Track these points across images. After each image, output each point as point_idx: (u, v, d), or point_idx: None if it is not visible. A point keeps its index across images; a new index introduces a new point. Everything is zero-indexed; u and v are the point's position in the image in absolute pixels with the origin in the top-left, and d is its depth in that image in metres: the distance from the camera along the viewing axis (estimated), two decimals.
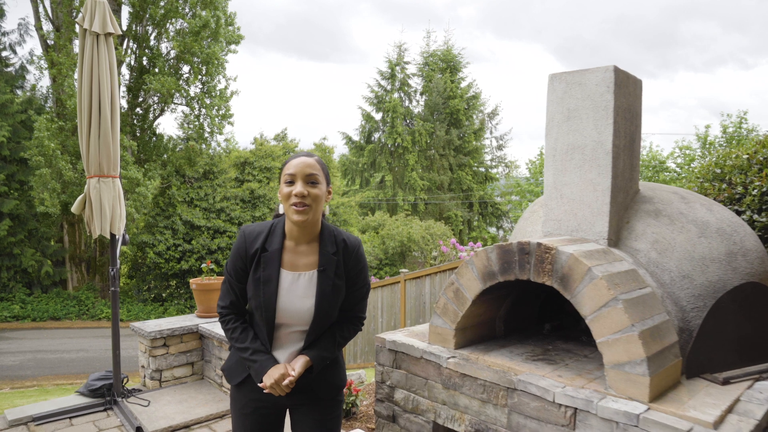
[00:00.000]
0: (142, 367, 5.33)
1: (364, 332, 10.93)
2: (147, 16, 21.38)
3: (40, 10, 20.86)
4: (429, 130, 34.43)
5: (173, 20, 21.92)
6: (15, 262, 20.04)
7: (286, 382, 1.97)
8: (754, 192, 4.24)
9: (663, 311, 2.31)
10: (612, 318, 2.14)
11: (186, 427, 4.30)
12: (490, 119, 38.24)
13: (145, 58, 22.29)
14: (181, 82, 22.21)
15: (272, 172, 25.11)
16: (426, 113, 35.53)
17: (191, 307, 21.72)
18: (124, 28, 21.36)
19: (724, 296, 2.46)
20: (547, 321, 3.23)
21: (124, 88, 21.95)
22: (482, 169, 37.80)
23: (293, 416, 2.22)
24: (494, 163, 39.12)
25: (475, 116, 37.03)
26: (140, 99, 22.65)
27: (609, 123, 2.60)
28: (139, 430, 4.20)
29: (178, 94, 22.30)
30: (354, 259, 2.16)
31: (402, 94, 36.21)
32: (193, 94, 22.72)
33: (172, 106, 23.13)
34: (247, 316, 2.22)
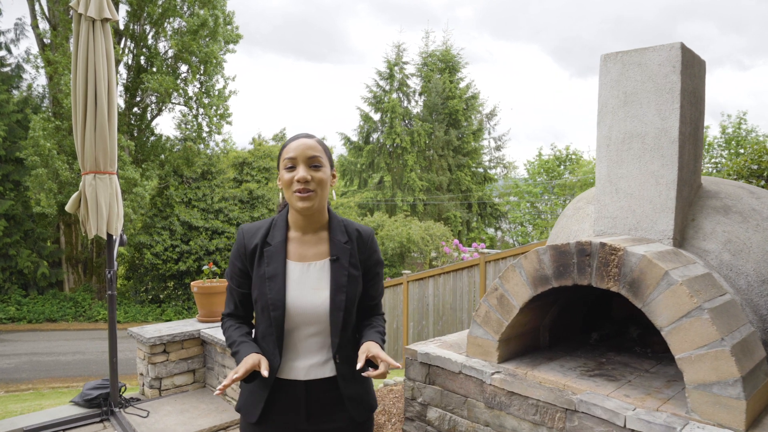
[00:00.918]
0: (141, 374, 5.05)
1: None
2: (145, 14, 21.16)
3: (37, 8, 20.62)
4: (428, 131, 34.23)
5: (171, 19, 21.71)
6: (11, 263, 19.82)
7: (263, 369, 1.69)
8: None
9: (747, 322, 2.01)
10: (696, 330, 1.84)
11: None
12: (489, 120, 38.10)
13: (142, 57, 22.07)
14: (179, 81, 22.00)
15: (271, 173, 24.90)
16: (425, 113, 35.33)
17: (189, 309, 21.48)
18: (121, 26, 21.13)
19: None
20: (591, 329, 2.92)
21: (121, 88, 21.75)
22: (481, 170, 37.63)
23: None
24: (493, 164, 38.98)
25: (473, 117, 36.87)
26: (138, 98, 22.43)
27: (675, 108, 2.29)
28: None
29: (176, 94, 22.08)
30: (369, 249, 1.95)
31: (401, 95, 36.00)
32: (191, 94, 22.50)
33: (170, 105, 22.93)
34: (253, 325, 1.99)
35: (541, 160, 36.97)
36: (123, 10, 21.38)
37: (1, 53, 21.66)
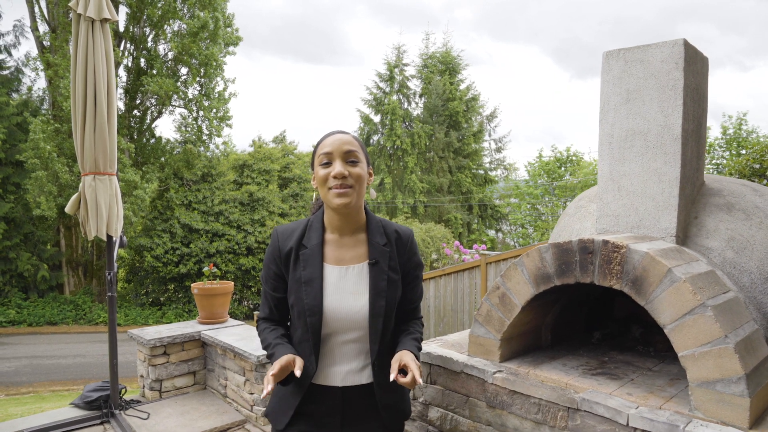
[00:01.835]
0: (141, 376, 5.03)
1: None
2: (144, 17, 21.18)
3: (36, 11, 20.64)
4: (428, 133, 34.23)
5: (171, 21, 21.74)
6: (11, 266, 19.82)
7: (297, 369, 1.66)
8: None
9: (751, 319, 1.99)
10: (699, 327, 1.82)
11: None
12: (489, 121, 38.09)
13: (142, 59, 22.08)
14: (179, 83, 22.02)
15: (271, 175, 24.90)
16: (425, 115, 35.33)
17: (189, 312, 21.45)
18: (121, 29, 21.13)
19: None
20: (594, 328, 2.91)
21: (121, 90, 21.76)
22: (481, 172, 37.61)
23: None
24: (493, 166, 38.98)
25: (474, 118, 36.86)
26: (138, 101, 22.45)
27: (678, 104, 2.27)
28: None
29: (176, 96, 22.10)
30: (409, 251, 1.91)
31: (401, 97, 35.99)
32: (191, 96, 22.52)
33: (170, 108, 22.97)
34: (289, 329, 1.94)
35: (542, 162, 36.98)
36: (123, 12, 21.40)
37: (1, 56, 21.68)
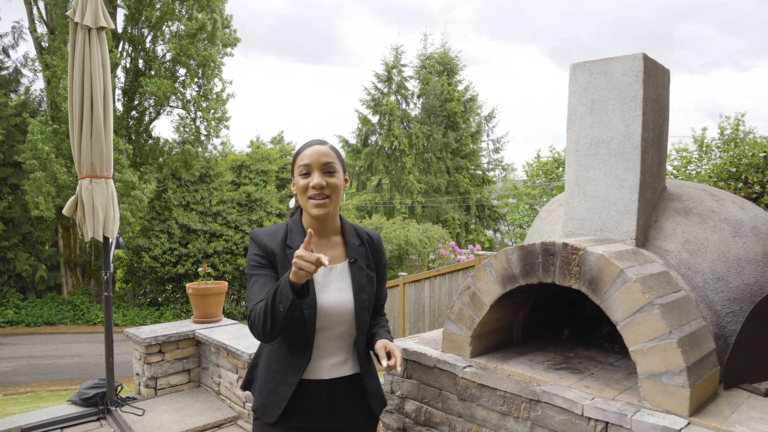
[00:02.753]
0: (137, 374, 5.16)
1: None
2: (143, 18, 21.26)
3: (35, 12, 20.74)
4: (426, 133, 34.35)
5: (169, 22, 21.81)
6: (9, 266, 19.89)
7: (304, 257, 1.58)
8: None
9: (699, 316, 2.14)
10: (647, 324, 1.97)
11: None
12: (487, 122, 38.21)
13: (140, 60, 22.18)
14: (177, 84, 22.09)
15: (269, 175, 24.99)
16: (423, 116, 35.45)
17: (187, 312, 21.55)
18: (119, 30, 21.23)
19: (764, 300, 2.29)
20: (566, 327, 3.05)
21: (119, 91, 21.85)
22: (479, 172, 37.73)
23: None
24: (491, 166, 39.10)
25: (472, 119, 36.98)
26: (136, 102, 22.54)
27: (637, 115, 2.42)
28: None
29: (174, 97, 22.18)
30: (379, 252, 2.09)
31: (399, 97, 36.11)
32: (189, 97, 22.61)
33: (168, 109, 23.03)
34: None
35: (540, 162, 37.11)
36: (121, 13, 21.51)
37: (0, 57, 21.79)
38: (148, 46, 22.23)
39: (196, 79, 22.47)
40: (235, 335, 4.85)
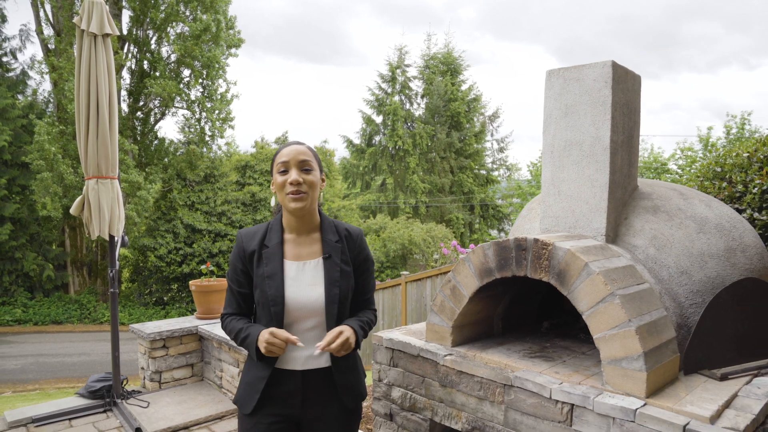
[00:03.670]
0: (142, 368, 5.33)
1: (369, 338, 10.94)
2: (148, 20, 21.48)
3: (41, 14, 20.97)
4: (430, 133, 34.48)
5: (174, 24, 22.04)
6: (17, 266, 20.13)
7: (277, 337, 1.86)
8: (754, 190, 4.22)
9: (661, 307, 2.30)
10: (609, 313, 2.13)
11: (185, 428, 4.30)
12: (491, 122, 38.28)
13: (145, 61, 22.41)
14: (181, 85, 22.30)
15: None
16: (427, 116, 35.57)
17: (193, 311, 21.69)
18: (125, 32, 21.46)
19: (722, 292, 2.45)
20: (546, 319, 3.22)
21: (125, 92, 22.06)
22: (483, 172, 37.82)
23: (307, 430, 2.08)
24: (495, 166, 39.16)
25: (476, 119, 37.06)
26: (141, 103, 22.76)
27: (607, 118, 2.58)
28: (138, 430, 4.20)
29: (179, 98, 22.39)
30: (359, 247, 2.15)
31: (403, 97, 36.24)
32: (193, 98, 22.81)
33: (173, 109, 23.24)
34: (253, 319, 2.15)
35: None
36: (126, 15, 21.75)
37: (7, 59, 22.02)
38: (153, 47, 22.47)
39: (201, 80, 22.69)
40: None
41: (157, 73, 21.69)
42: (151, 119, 23.53)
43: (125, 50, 21.69)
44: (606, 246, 2.51)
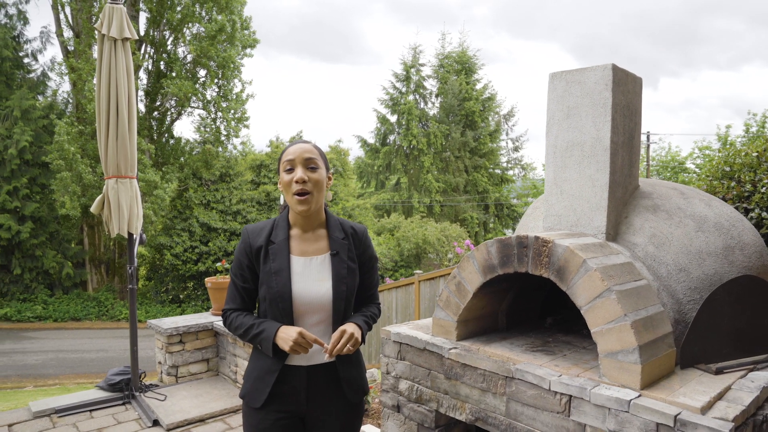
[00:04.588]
0: (159, 363, 5.47)
1: (378, 334, 11.03)
2: (164, 21, 21.76)
3: (61, 17, 21.31)
4: (444, 132, 34.51)
5: (190, 25, 22.30)
6: (37, 263, 20.51)
7: (305, 338, 1.88)
8: (762, 190, 4.25)
9: (658, 303, 2.38)
10: (605, 308, 2.22)
11: (201, 420, 4.43)
12: (506, 120, 38.23)
13: (162, 62, 22.70)
14: (197, 85, 22.55)
15: None
16: (441, 115, 35.61)
17: (208, 309, 21.91)
18: (141, 33, 21.74)
19: (719, 289, 2.52)
20: (550, 315, 3.30)
21: (141, 93, 22.35)
22: (498, 171, 37.79)
23: (312, 424, 2.11)
24: (510, 165, 39.11)
25: (490, 118, 37.03)
26: (158, 103, 23.04)
27: (607, 120, 2.67)
28: (156, 423, 4.33)
29: (194, 98, 22.65)
30: (364, 244, 2.17)
31: (417, 96, 36.32)
32: (209, 98, 23.07)
33: (189, 109, 23.51)
34: (258, 314, 2.15)
35: None
36: (143, 16, 22.04)
37: (28, 60, 22.40)
38: (169, 48, 22.74)
39: (216, 80, 22.93)
40: None
41: (174, 74, 21.95)
42: (168, 119, 23.81)
43: (142, 51, 21.98)
44: (605, 243, 2.60)
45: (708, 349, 2.48)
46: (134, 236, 4.89)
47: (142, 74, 22.30)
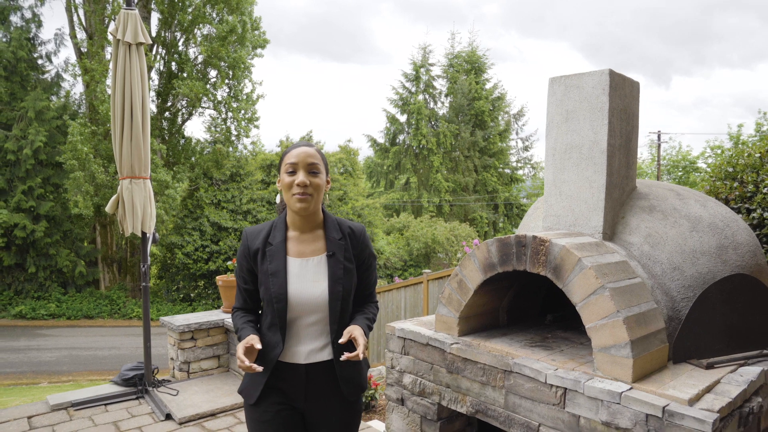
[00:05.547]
0: (171, 359, 5.59)
1: (384, 331, 11.12)
2: (175, 22, 21.99)
3: (75, 19, 21.58)
4: (454, 132, 34.58)
5: (201, 26, 22.51)
6: (51, 262, 20.81)
7: (242, 356, 1.90)
8: (765, 190, 4.31)
9: (651, 300, 2.47)
10: (599, 305, 2.31)
11: (212, 414, 4.54)
12: (516, 120, 38.25)
13: (173, 63, 22.95)
14: (208, 86, 22.77)
15: None
16: (451, 115, 35.68)
17: (219, 308, 22.09)
18: (153, 34, 21.97)
19: (712, 286, 2.61)
20: (550, 312, 3.40)
21: (153, 93, 22.58)
22: (508, 171, 37.82)
23: (311, 421, 2.16)
24: (520, 165, 39.13)
25: (500, 117, 37.05)
26: (169, 103, 23.29)
27: (604, 123, 2.76)
28: (168, 417, 4.46)
29: (205, 98, 22.88)
30: (362, 244, 2.19)
31: (427, 96, 36.42)
32: (220, 98, 23.28)
33: (200, 110, 23.76)
34: (260, 316, 2.21)
35: None
36: (155, 18, 22.27)
37: (42, 62, 22.69)
38: (180, 49, 22.98)
39: (227, 81, 23.14)
40: None
41: (185, 74, 22.19)
42: (179, 119, 24.05)
43: (154, 52, 22.21)
44: (601, 243, 2.69)
45: (700, 345, 2.57)
46: (147, 235, 5.02)
47: (153, 75, 22.56)
